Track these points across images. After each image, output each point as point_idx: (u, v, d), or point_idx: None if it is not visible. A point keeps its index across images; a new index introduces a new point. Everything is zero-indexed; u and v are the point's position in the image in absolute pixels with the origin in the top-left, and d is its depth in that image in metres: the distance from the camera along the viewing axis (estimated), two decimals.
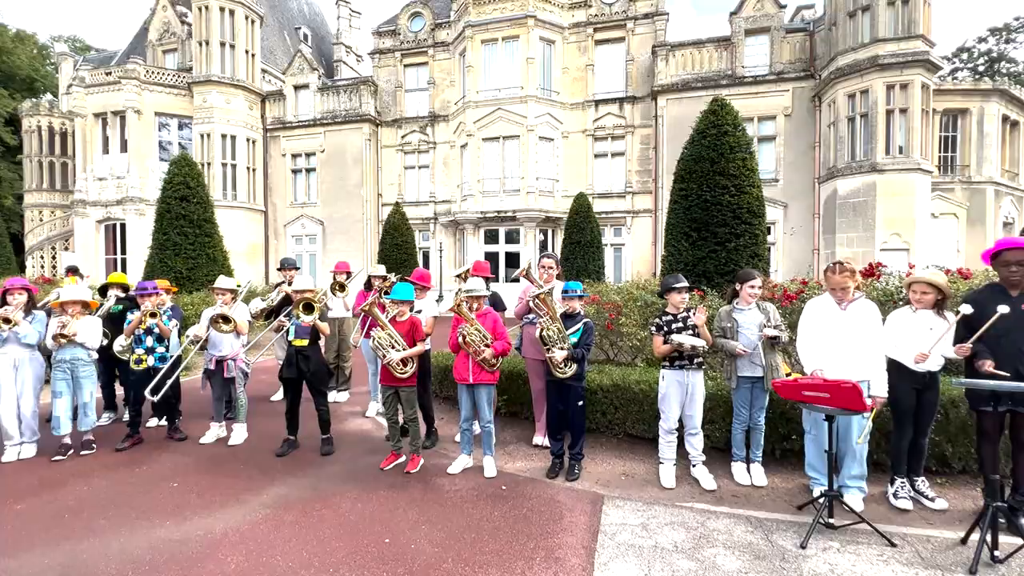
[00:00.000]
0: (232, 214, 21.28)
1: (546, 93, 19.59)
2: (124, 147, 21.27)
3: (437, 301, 4.78)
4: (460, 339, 4.17)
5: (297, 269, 7.04)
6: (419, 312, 5.03)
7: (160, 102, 21.31)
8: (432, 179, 21.78)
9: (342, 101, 22.14)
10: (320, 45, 30.67)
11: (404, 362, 4.36)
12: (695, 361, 3.97)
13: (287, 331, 4.88)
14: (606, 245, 18.65)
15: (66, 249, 23.92)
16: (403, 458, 4.58)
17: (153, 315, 4.94)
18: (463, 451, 4.47)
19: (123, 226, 21.35)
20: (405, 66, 22.22)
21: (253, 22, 21.85)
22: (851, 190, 15.68)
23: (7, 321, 4.53)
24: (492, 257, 19.72)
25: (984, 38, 35.68)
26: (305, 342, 4.83)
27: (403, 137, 21.97)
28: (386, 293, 5.18)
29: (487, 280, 5.06)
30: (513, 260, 19.70)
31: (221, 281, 5.25)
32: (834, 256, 16.01)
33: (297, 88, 22.59)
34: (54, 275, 23.23)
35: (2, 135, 29.41)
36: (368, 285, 6.08)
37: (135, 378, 5.09)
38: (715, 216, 9.13)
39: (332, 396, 6.74)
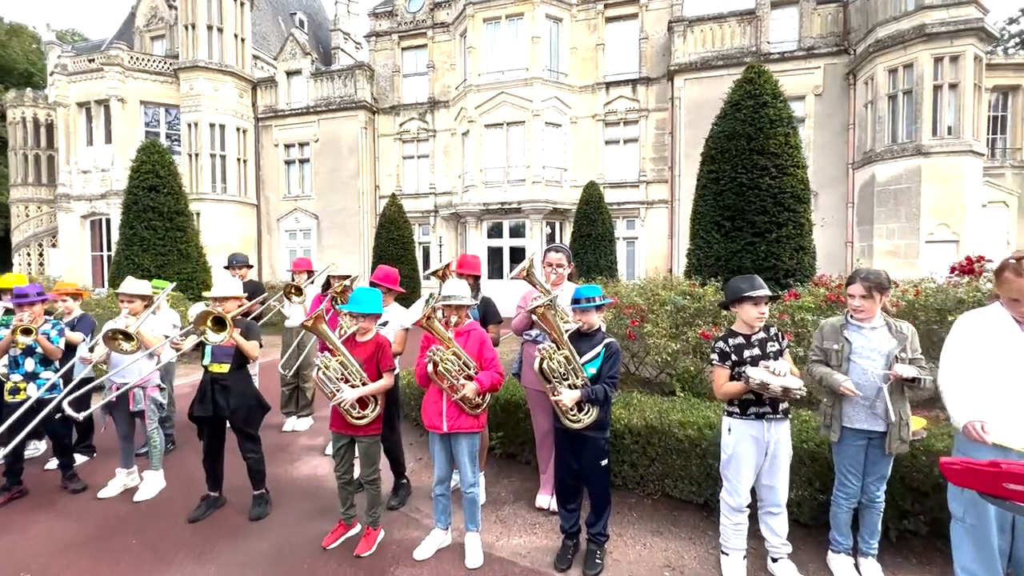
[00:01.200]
0: (222, 208, 20.17)
1: (553, 75, 18.16)
2: (109, 138, 20.18)
3: (428, 301, 3.43)
4: (430, 368, 2.88)
5: (250, 267, 5.78)
6: (383, 326, 3.73)
7: (145, 90, 20.17)
8: (432, 169, 20.47)
9: (337, 88, 20.87)
10: (317, 32, 29.40)
11: (363, 402, 3.08)
12: (780, 408, 2.64)
13: (205, 352, 3.61)
14: (618, 239, 17.26)
15: (54, 246, 22.95)
16: (356, 529, 3.31)
17: (27, 331, 3.69)
18: (437, 524, 3.18)
19: (109, 221, 20.29)
20: (403, 49, 20.87)
21: (243, 4, 20.59)
22: (892, 176, 14.13)
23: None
24: (496, 253, 18.41)
25: None
26: (225, 368, 3.56)
27: (401, 125, 20.67)
28: (341, 301, 3.90)
29: (476, 281, 3.75)
30: (518, 255, 18.34)
31: (128, 284, 3.98)
32: (871, 250, 14.51)
33: (289, 74, 21.34)
34: (42, 274, 22.30)
35: None
36: (328, 286, 4.81)
37: (14, 413, 3.85)
38: (752, 202, 7.75)
39: (290, 424, 5.49)
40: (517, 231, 18.44)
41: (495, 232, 18.71)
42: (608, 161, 18.57)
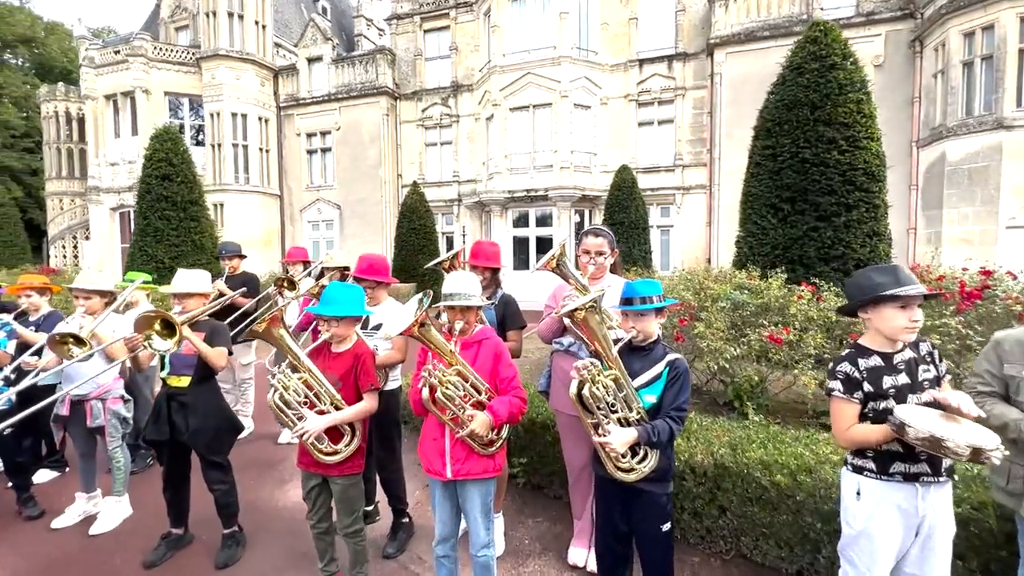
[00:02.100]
0: (245, 199, 19.96)
1: (582, 53, 17.07)
2: (135, 130, 20.17)
3: (421, 302, 2.13)
4: (425, 393, 2.11)
5: (243, 257, 5.14)
6: (375, 331, 2.99)
7: (169, 81, 20.05)
8: (455, 156, 19.72)
9: (358, 73, 20.28)
10: (340, 19, 28.90)
11: (337, 433, 2.36)
12: (941, 466, 1.76)
13: (164, 362, 2.95)
14: (651, 227, 16.16)
15: (87, 239, 23.32)
16: None
17: None
18: None
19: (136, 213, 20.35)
20: (425, 31, 20.10)
21: None
22: (966, 154, 12.59)
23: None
24: (522, 243, 17.58)
25: None
26: (185, 381, 2.89)
27: (423, 111, 19.96)
28: (315, 299, 3.18)
29: (494, 275, 2.96)
30: (546, 246, 17.46)
31: (83, 279, 3.36)
32: (939, 237, 13.04)
33: (311, 61, 20.87)
34: (76, 266, 22.70)
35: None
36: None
37: None
38: (817, 181, 6.70)
39: (286, 436, 4.85)
40: (544, 220, 17.54)
41: (521, 221, 17.87)
42: (641, 144, 17.42)
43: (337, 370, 2.41)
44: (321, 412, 2.31)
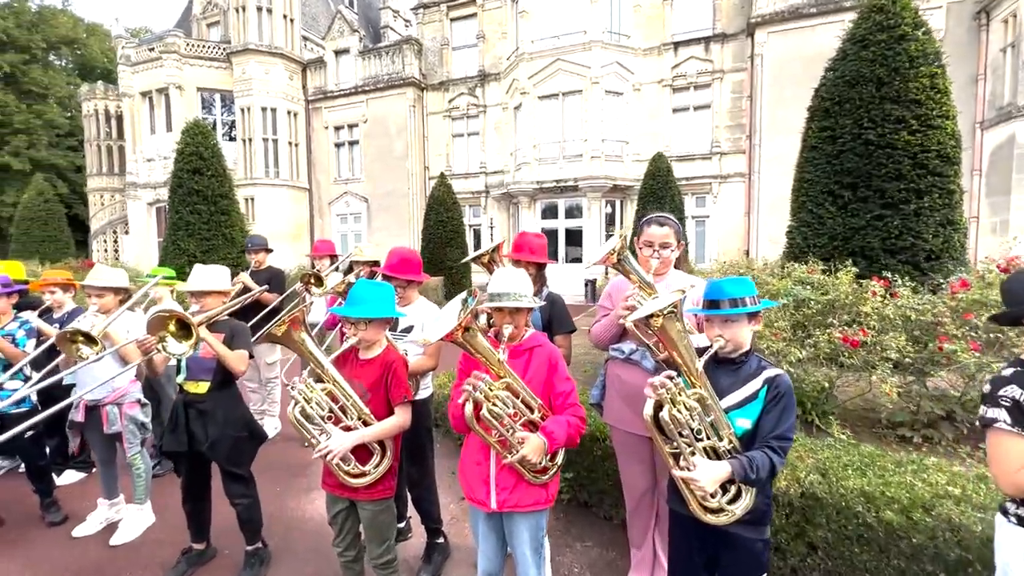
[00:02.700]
0: (275, 193, 20.14)
1: (614, 37, 16.44)
2: (169, 126, 20.54)
3: (465, 302, 1.77)
4: (468, 409, 1.78)
5: (268, 251, 4.94)
6: (405, 334, 2.69)
7: (201, 77, 20.30)
8: (482, 147, 19.38)
9: (384, 65, 20.11)
10: (367, 12, 28.80)
11: (365, 453, 2.07)
12: None
13: (180, 366, 2.72)
14: (686, 217, 15.50)
15: (126, 233, 24.00)
16: None
17: None
18: None
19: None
20: (452, 20, 19.75)
21: None
22: None
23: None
24: (550, 236, 17.14)
25: None
26: (204, 387, 2.66)
27: (450, 101, 19.66)
28: (341, 298, 2.89)
29: (540, 272, 2.62)
30: (575, 238, 17.02)
31: (98, 273, 3.16)
32: (1005, 227, 12.03)
33: (338, 53, 20.81)
34: (117, 260, 23.40)
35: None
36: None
37: None
38: (883, 165, 6.09)
39: None
40: (573, 211, 17.08)
41: (549, 212, 17.45)
42: (675, 131, 16.72)
43: (365, 379, 2.11)
44: (347, 428, 2.02)
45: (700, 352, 1.69)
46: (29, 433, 3.28)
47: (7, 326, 3.26)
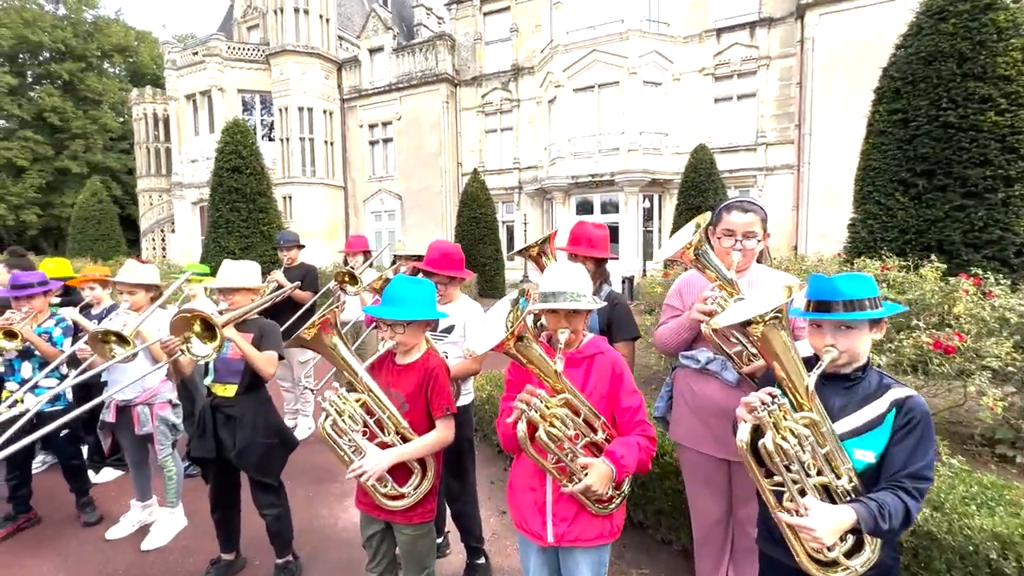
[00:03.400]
0: (311, 191, 20.46)
1: (652, 25, 15.84)
2: (212, 127, 21.14)
3: (516, 305, 1.47)
4: (521, 430, 1.51)
5: (300, 247, 4.81)
6: (446, 334, 2.45)
7: (242, 79, 20.81)
8: (516, 142, 19.10)
9: (418, 62, 20.09)
10: (400, 10, 28.94)
11: (403, 472, 1.84)
12: None
13: (207, 368, 2.57)
14: None
15: (173, 232, 24.95)
16: None
17: (10, 334, 2.88)
18: None
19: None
20: (485, 14, 19.53)
21: None
22: None
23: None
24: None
25: None
26: (232, 390, 2.50)
27: (483, 97, 19.46)
28: (377, 295, 2.68)
29: (599, 268, 2.34)
30: (612, 234, 16.47)
31: (128, 270, 3.06)
32: None
33: (372, 52, 20.94)
34: (164, 258, 24.35)
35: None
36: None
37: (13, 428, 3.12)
38: (966, 149, 5.49)
39: None
40: (609, 206, 16.60)
41: (584, 208, 17.02)
42: (717, 122, 15.99)
43: (403, 388, 1.88)
44: (384, 445, 1.79)
45: (815, 371, 1.36)
46: (64, 431, 3.25)
47: (44, 324, 3.21)
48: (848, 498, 1.30)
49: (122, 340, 2.64)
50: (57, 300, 4.04)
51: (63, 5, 33.12)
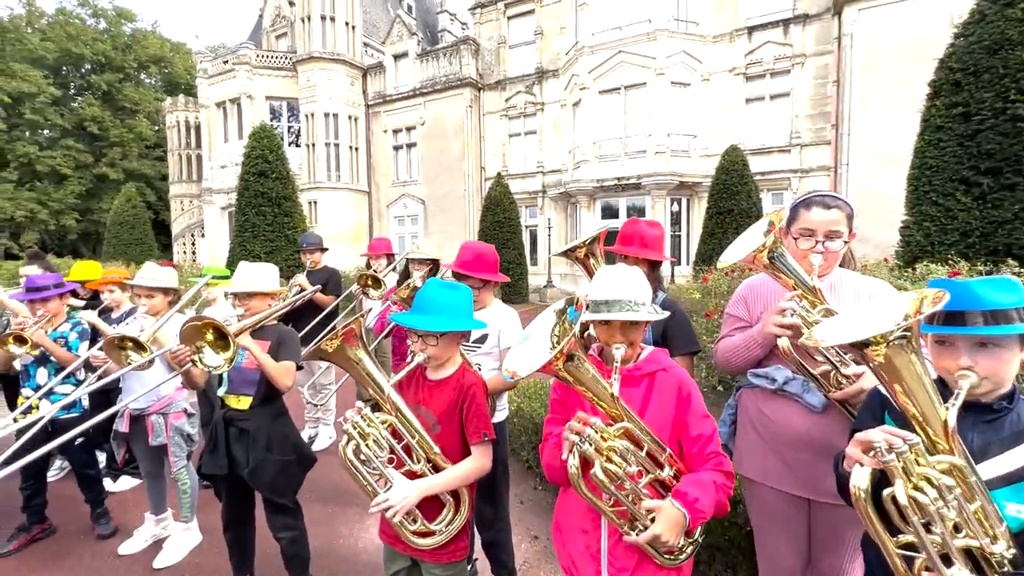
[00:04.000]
0: (336, 196, 20.63)
1: (681, 25, 15.47)
2: (240, 133, 21.55)
3: (563, 316, 1.27)
4: (573, 465, 1.26)
5: (324, 250, 4.66)
6: (479, 344, 2.22)
7: (270, 86, 21.18)
8: (540, 146, 18.89)
9: (442, 66, 20.10)
10: (424, 17, 29.18)
11: (434, 505, 1.61)
12: None
13: (222, 379, 2.39)
14: (764, 215, 14.24)
15: (202, 236, 25.52)
16: None
17: (21, 339, 2.77)
18: None
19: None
20: (509, 18, 19.43)
21: None
22: None
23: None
24: (612, 236, 16.25)
25: None
26: (246, 402, 2.31)
27: (507, 100, 19.33)
28: (404, 305, 2.47)
29: (654, 271, 2.09)
30: None
31: (146, 273, 2.93)
32: None
33: (397, 58, 21.06)
34: (194, 261, 24.90)
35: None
36: (406, 277, 3.44)
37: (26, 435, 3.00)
38: None
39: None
40: (636, 210, 16.21)
41: (610, 212, 16.67)
42: (749, 123, 15.49)
43: (435, 407, 1.66)
44: (412, 474, 1.56)
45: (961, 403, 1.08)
46: (79, 440, 3.13)
47: (59, 327, 3.10)
48: (1009, 569, 1.01)
49: (138, 346, 2.50)
50: (82, 304, 3.97)
51: (103, 19, 34.48)
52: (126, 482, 3.87)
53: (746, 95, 15.47)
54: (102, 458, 3.92)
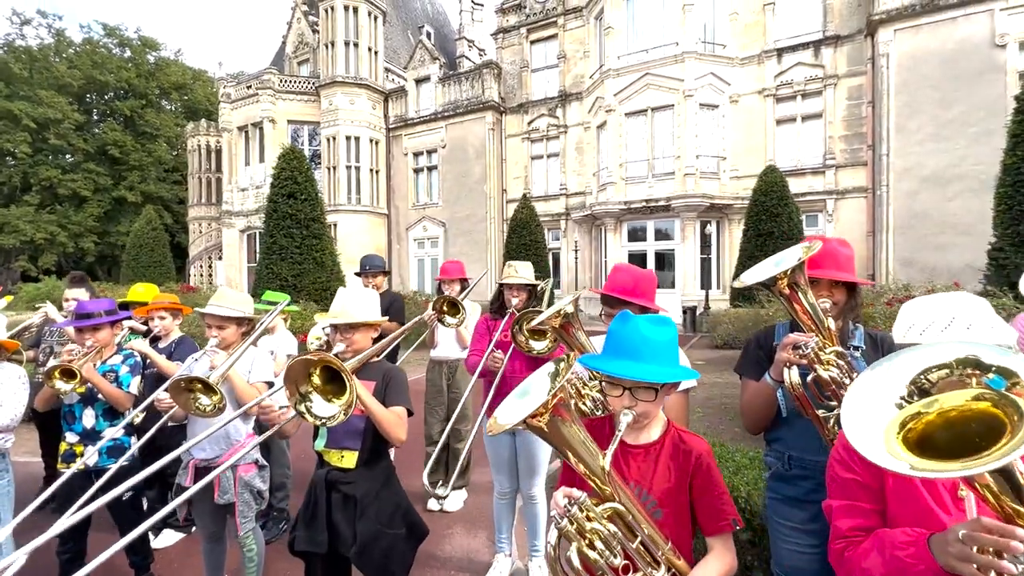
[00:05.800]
0: (356, 219, 20.47)
1: (708, 47, 15.38)
2: (262, 157, 21.62)
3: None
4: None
5: (386, 273, 4.27)
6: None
7: (292, 110, 21.31)
8: (563, 168, 18.71)
9: (464, 90, 20.15)
10: (443, 44, 29.60)
11: None
12: None
13: (318, 430, 1.96)
14: (803, 238, 13.81)
15: (219, 258, 25.41)
16: None
17: (69, 373, 2.37)
18: None
19: (261, 234, 21.71)
20: (531, 43, 19.52)
21: (376, 18, 20.94)
22: None
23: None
24: (638, 260, 15.93)
25: None
26: (351, 459, 1.88)
27: (529, 123, 19.26)
28: (567, 337, 2.02)
29: (850, 296, 1.70)
30: (665, 262, 15.73)
31: (219, 301, 2.52)
32: None
33: (418, 82, 21.17)
34: (210, 284, 24.74)
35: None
36: (500, 305, 3.02)
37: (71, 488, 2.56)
38: None
39: (435, 502, 3.80)
40: (663, 233, 15.85)
41: (637, 235, 16.32)
42: (779, 144, 15.21)
43: (655, 487, 1.20)
44: None
45: None
46: (128, 496, 2.69)
47: (109, 360, 2.69)
48: None
49: (208, 389, 2.11)
50: (144, 329, 3.53)
51: (129, 48, 35.33)
52: (169, 536, 3.40)
53: (777, 116, 15.24)
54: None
